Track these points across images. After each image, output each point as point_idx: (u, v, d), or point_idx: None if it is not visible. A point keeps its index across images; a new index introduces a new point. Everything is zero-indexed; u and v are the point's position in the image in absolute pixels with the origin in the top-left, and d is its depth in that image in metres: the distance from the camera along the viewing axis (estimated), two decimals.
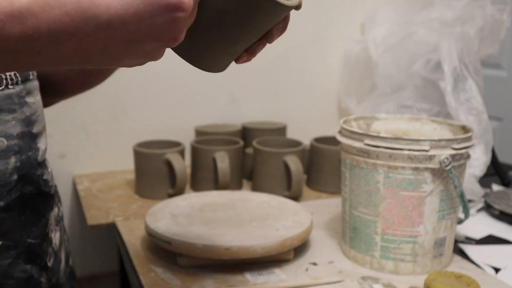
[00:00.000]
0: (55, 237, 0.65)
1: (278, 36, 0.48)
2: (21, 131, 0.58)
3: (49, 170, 0.64)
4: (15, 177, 0.57)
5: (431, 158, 0.69)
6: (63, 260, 0.67)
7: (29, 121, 0.59)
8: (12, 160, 0.57)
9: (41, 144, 0.62)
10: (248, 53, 0.48)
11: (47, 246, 0.62)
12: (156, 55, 0.39)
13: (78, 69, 0.39)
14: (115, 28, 0.36)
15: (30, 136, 0.59)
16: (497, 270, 0.76)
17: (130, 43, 0.37)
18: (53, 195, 0.65)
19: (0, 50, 0.35)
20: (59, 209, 0.68)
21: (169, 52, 0.58)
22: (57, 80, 0.73)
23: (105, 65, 0.40)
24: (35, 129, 0.60)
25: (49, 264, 0.62)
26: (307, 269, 0.74)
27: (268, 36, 0.47)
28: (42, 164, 0.62)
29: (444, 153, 0.69)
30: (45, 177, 0.62)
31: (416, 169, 0.69)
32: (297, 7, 0.45)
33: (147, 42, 0.37)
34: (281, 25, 0.47)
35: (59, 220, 0.67)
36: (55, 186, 0.68)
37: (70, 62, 0.38)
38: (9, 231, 0.57)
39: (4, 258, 0.56)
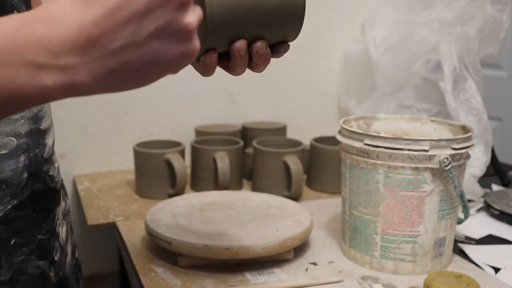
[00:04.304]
0: (62, 231, 0.65)
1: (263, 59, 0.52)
2: (29, 129, 0.58)
3: (56, 165, 0.65)
4: (25, 175, 0.58)
5: (431, 158, 0.69)
6: (69, 253, 0.67)
7: (37, 118, 0.59)
8: (22, 158, 0.57)
9: (49, 140, 0.62)
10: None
11: (54, 241, 0.63)
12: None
13: None
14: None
15: (38, 133, 0.60)
16: (497, 270, 0.76)
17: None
18: (59, 189, 0.65)
19: None
20: (66, 203, 0.69)
21: None
22: None
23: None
24: (43, 125, 0.60)
25: (56, 258, 0.63)
26: (307, 269, 0.74)
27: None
28: (48, 160, 0.62)
29: (444, 153, 0.69)
30: (51, 173, 0.62)
31: (416, 169, 0.69)
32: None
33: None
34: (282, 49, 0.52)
35: (66, 214, 0.68)
36: (61, 180, 0.69)
37: None
38: (22, 228, 0.58)
39: (17, 255, 0.57)
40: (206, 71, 0.52)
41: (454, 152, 0.69)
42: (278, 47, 0.54)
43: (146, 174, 0.99)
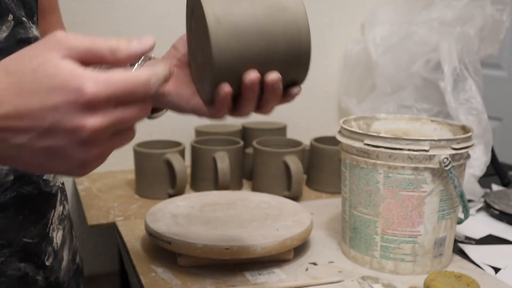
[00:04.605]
0: (57, 236, 0.64)
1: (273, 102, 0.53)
2: None
3: None
4: (11, 177, 0.57)
5: (431, 158, 0.69)
6: (65, 258, 0.67)
7: None
8: None
9: None
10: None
11: (46, 246, 0.62)
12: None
13: None
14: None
15: None
16: (497, 270, 0.76)
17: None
18: (55, 194, 0.64)
19: None
20: (64, 207, 0.68)
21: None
22: None
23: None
24: None
25: (48, 263, 0.62)
26: (307, 269, 0.74)
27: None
28: None
29: (444, 153, 0.69)
30: (45, 177, 0.62)
31: (416, 169, 0.69)
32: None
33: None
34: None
35: (64, 218, 0.67)
36: (61, 184, 0.68)
37: None
38: (4, 230, 0.57)
39: None
40: (219, 110, 0.51)
41: (454, 152, 0.69)
42: (290, 89, 0.53)
43: (146, 174, 0.99)
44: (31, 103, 0.35)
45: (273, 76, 0.49)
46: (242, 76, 0.48)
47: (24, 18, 0.58)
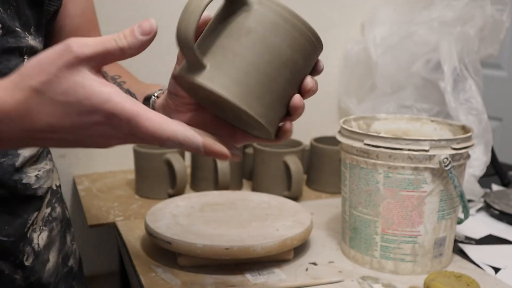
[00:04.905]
0: (39, 237, 0.64)
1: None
2: None
3: (35, 173, 0.64)
4: None
5: (431, 158, 0.69)
6: (52, 260, 0.66)
7: None
8: None
9: (24, 151, 0.61)
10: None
11: (24, 246, 0.62)
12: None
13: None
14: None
15: None
16: (496, 270, 0.76)
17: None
18: (41, 197, 0.64)
19: None
20: (53, 209, 0.68)
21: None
22: None
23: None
24: None
25: (27, 263, 0.62)
26: (307, 269, 0.74)
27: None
28: (21, 170, 0.61)
29: (444, 153, 0.69)
30: (25, 181, 0.62)
31: (416, 169, 0.69)
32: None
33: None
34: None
35: (51, 220, 0.67)
36: (55, 186, 0.68)
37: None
38: None
39: None
40: (284, 139, 0.51)
41: (454, 152, 0.69)
42: (317, 68, 0.52)
43: (146, 174, 0.99)
44: (63, 123, 0.40)
45: (308, 83, 0.49)
46: (288, 104, 0.49)
47: (17, 28, 0.58)
